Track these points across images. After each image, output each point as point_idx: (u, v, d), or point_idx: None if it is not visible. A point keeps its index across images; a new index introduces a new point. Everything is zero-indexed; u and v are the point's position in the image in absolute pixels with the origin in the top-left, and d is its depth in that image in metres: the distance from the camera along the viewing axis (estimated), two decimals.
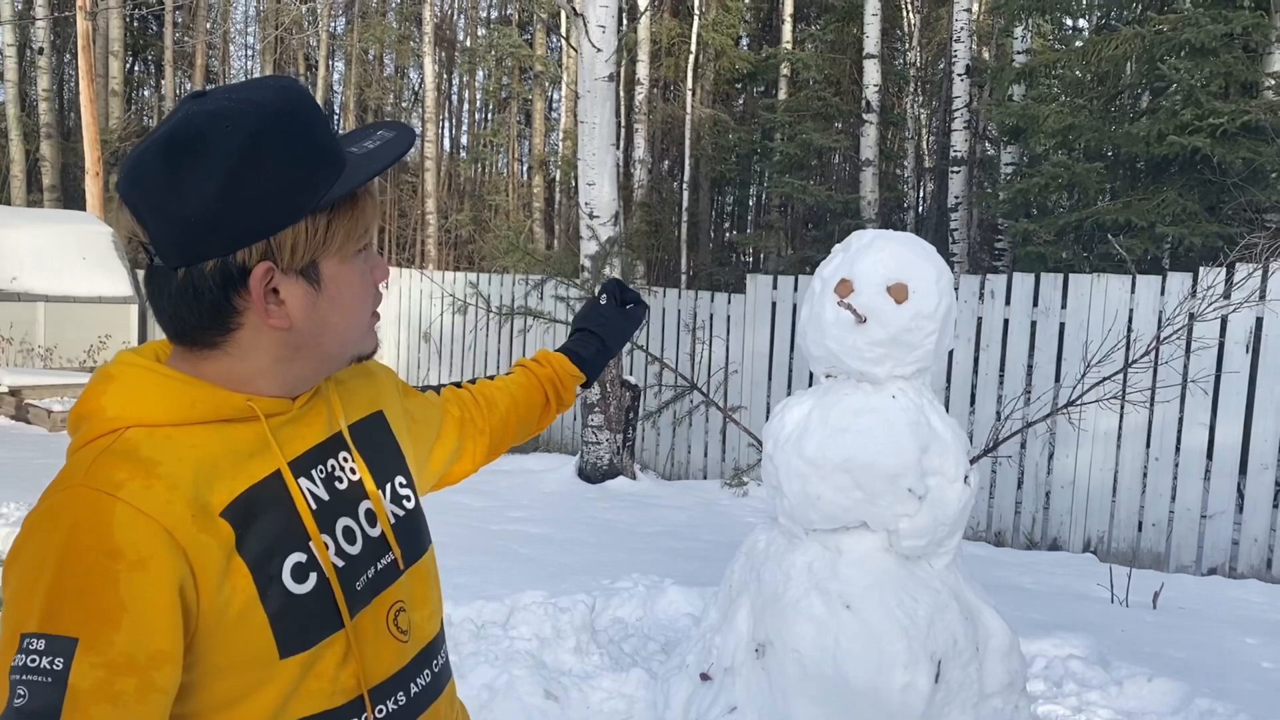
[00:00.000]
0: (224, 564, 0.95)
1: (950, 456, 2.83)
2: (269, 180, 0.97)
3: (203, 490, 0.96)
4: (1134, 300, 6.32)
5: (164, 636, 0.91)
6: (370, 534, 1.10)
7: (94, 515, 0.91)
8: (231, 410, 1.02)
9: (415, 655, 1.13)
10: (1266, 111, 8.17)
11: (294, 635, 0.99)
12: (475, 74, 23.68)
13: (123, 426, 0.98)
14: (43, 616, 0.88)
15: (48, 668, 0.86)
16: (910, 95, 15.45)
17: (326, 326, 1.04)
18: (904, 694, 2.70)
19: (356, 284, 1.06)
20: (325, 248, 1.01)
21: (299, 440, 1.07)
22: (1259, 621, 4.88)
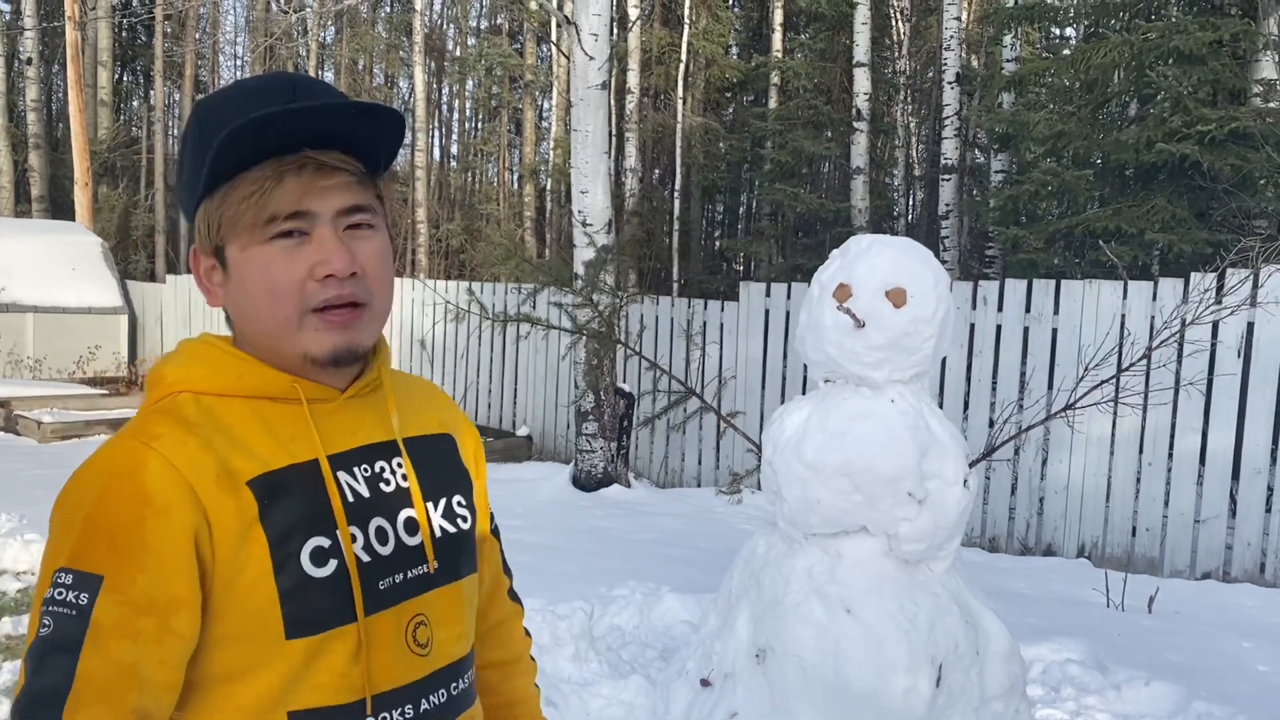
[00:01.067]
0: (243, 530, 0.98)
1: (949, 460, 2.84)
2: (185, 170, 1.06)
3: (235, 457, 1.00)
4: (1126, 306, 6.35)
5: (182, 583, 0.95)
6: (407, 542, 1.10)
7: (130, 463, 0.97)
8: (276, 389, 1.06)
9: (433, 672, 1.11)
10: (1254, 118, 8.23)
11: (303, 617, 1.00)
12: (465, 83, 23.69)
13: (177, 391, 1.05)
14: (73, 553, 0.94)
15: (74, 601, 0.91)
16: (900, 103, 15.51)
17: (243, 312, 1.07)
18: (906, 698, 2.70)
19: (260, 272, 1.03)
20: (222, 233, 1.04)
21: (348, 435, 1.09)
22: (1254, 625, 4.90)
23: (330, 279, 1.02)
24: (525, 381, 9.73)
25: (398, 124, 1.06)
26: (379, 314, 1.08)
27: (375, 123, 1.05)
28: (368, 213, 1.06)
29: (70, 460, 5.90)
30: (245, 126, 0.97)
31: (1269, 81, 8.94)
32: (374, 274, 1.06)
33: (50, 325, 13.15)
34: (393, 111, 1.05)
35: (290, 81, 1.04)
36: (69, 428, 9.59)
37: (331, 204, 1.03)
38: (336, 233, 1.03)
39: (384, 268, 1.08)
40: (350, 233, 1.04)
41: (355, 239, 1.04)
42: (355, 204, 1.04)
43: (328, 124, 1.02)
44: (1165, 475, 6.21)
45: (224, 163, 1.00)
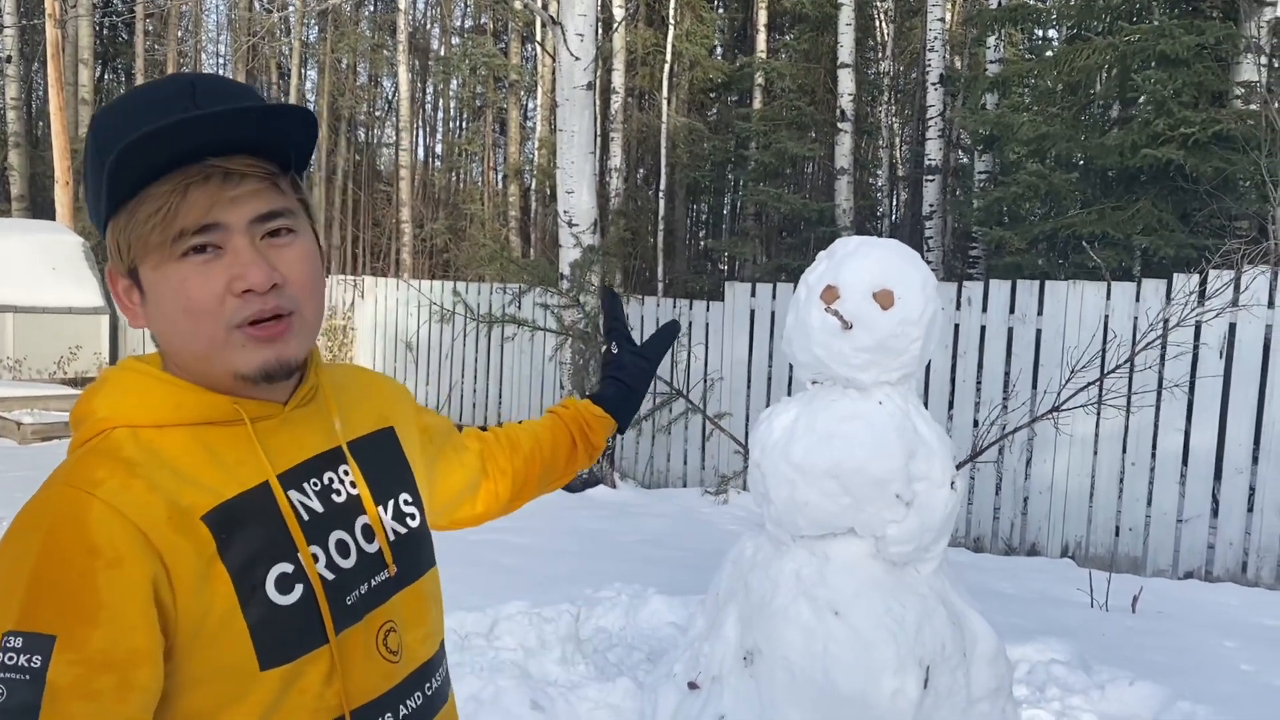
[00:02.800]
0: (203, 569, 0.94)
1: (937, 462, 2.84)
2: (89, 190, 1.02)
3: (184, 493, 0.95)
4: (1110, 306, 6.38)
5: (141, 635, 0.90)
6: (366, 549, 1.07)
7: (72, 513, 0.91)
8: (217, 413, 1.00)
9: (406, 676, 1.10)
10: (1236, 120, 8.28)
11: (275, 647, 0.97)
12: (450, 82, 23.62)
13: (110, 427, 0.98)
14: (21, 614, 0.87)
15: (25, 665, 0.85)
16: (885, 104, 15.56)
17: (164, 335, 1.01)
18: (893, 700, 2.70)
19: (175, 292, 0.97)
20: (133, 253, 0.98)
21: (293, 448, 1.05)
22: (1237, 624, 4.93)
23: (249, 294, 0.97)
24: (510, 382, 9.71)
25: (307, 123, 0.99)
26: (310, 323, 1.03)
27: (283, 124, 0.98)
28: (285, 217, 1.00)
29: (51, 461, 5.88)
30: (135, 143, 0.91)
31: (1250, 84, 9.00)
32: (298, 281, 1.00)
33: (30, 325, 13.04)
34: (301, 110, 0.99)
35: (189, 83, 0.98)
36: (50, 429, 9.52)
37: (244, 213, 0.97)
38: (253, 243, 0.97)
39: (310, 273, 1.02)
40: (268, 241, 0.99)
41: (274, 247, 0.99)
42: (270, 210, 0.98)
43: (231, 129, 0.95)
44: (1148, 475, 6.25)
45: (123, 180, 0.94)
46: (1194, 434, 6.10)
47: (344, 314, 11.70)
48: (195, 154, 0.94)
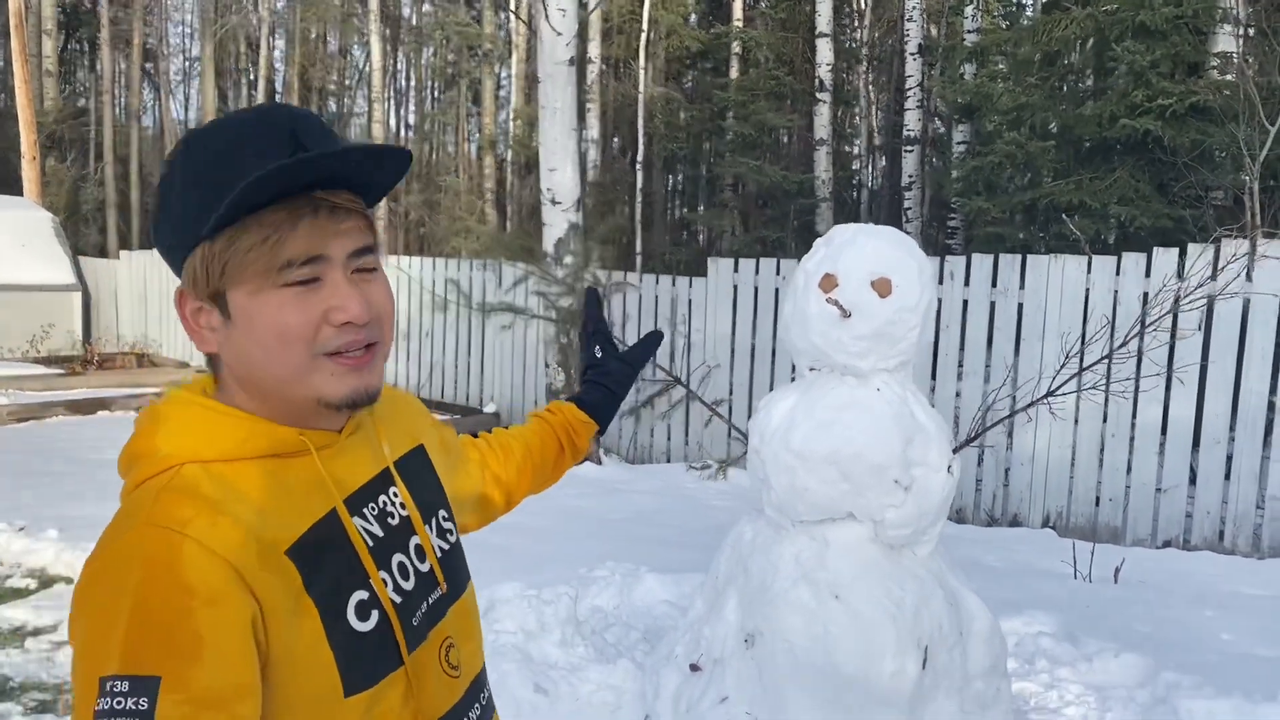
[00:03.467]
0: (292, 604, 0.96)
1: (934, 447, 2.88)
2: (173, 212, 1.00)
3: (267, 529, 0.96)
4: (1090, 280, 6.45)
5: (243, 669, 0.91)
6: (420, 569, 1.10)
7: (164, 553, 0.91)
8: (285, 445, 1.02)
9: (466, 690, 1.13)
10: (1213, 92, 8.34)
11: (358, 674, 0.99)
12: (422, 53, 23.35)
13: (178, 464, 0.98)
14: (123, 658, 0.87)
15: (134, 708, 0.86)
16: (862, 74, 15.54)
17: (247, 359, 1.01)
18: (893, 680, 2.76)
19: (273, 319, 0.98)
20: (224, 278, 0.98)
21: (351, 476, 1.07)
22: (1215, 593, 5.04)
23: (348, 325, 1.00)
24: (492, 359, 9.69)
25: (405, 164, 1.03)
26: (386, 353, 1.07)
27: (383, 163, 1.02)
28: (373, 254, 1.04)
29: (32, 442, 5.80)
30: (271, 176, 0.93)
31: (1226, 55, 9.06)
32: (383, 315, 1.04)
33: (1, 303, 12.87)
34: (403, 152, 1.03)
35: (289, 116, 1.00)
36: (26, 410, 9.42)
37: (344, 247, 1.00)
38: (348, 276, 1.00)
39: (390, 307, 1.06)
40: (359, 275, 1.02)
41: (365, 281, 1.02)
42: (364, 245, 1.02)
43: (343, 168, 0.99)
44: (1128, 446, 6.34)
45: (235, 209, 0.95)
46: (1173, 405, 6.19)
47: None
48: (303, 187, 0.97)
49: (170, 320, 13.38)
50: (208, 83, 20.51)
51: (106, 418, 9.60)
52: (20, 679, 3.88)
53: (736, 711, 2.93)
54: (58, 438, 8.24)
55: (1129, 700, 3.64)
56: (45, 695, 3.74)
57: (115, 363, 12.79)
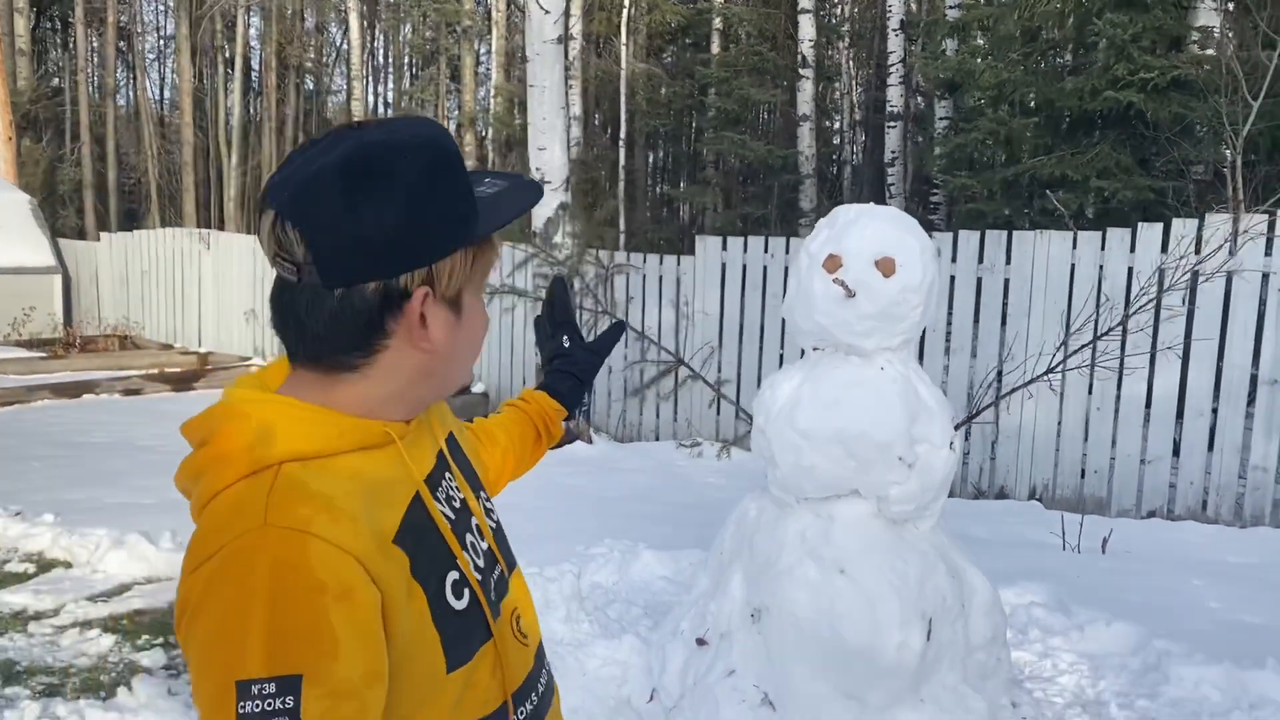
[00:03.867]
0: (405, 588, 0.99)
1: (937, 424, 2.94)
2: (439, 209, 1.01)
3: (375, 519, 0.99)
4: (1076, 255, 6.52)
5: (373, 658, 0.95)
6: (483, 547, 1.15)
7: (292, 554, 0.92)
8: (372, 438, 1.04)
9: (534, 655, 1.20)
10: (1193, 65, 8.42)
11: (458, 649, 1.05)
12: (400, 30, 23.15)
13: (275, 463, 0.98)
14: (266, 660, 0.89)
15: (283, 708, 0.89)
16: (845, 49, 15.53)
17: (458, 354, 1.09)
18: (899, 653, 2.82)
19: (480, 319, 1.11)
20: (469, 280, 1.06)
21: (422, 462, 1.11)
22: (1201, 562, 5.14)
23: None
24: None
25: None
26: None
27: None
28: None
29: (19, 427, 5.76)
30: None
31: (1207, 29, 9.14)
32: None
33: None
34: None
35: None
36: (10, 394, 9.36)
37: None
38: None
39: None
40: None
41: None
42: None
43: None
44: (1113, 418, 6.44)
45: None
46: (1157, 378, 6.29)
47: None
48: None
49: (152, 302, 13.30)
50: (184, 61, 20.27)
51: (92, 401, 9.57)
52: (26, 663, 3.90)
53: (744, 684, 2.99)
54: (45, 421, 8.21)
55: (1122, 668, 3.73)
56: (52, 679, 3.76)
57: (97, 345, 12.70)
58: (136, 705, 3.41)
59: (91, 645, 4.05)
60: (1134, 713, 3.43)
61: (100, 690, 3.67)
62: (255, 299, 12.11)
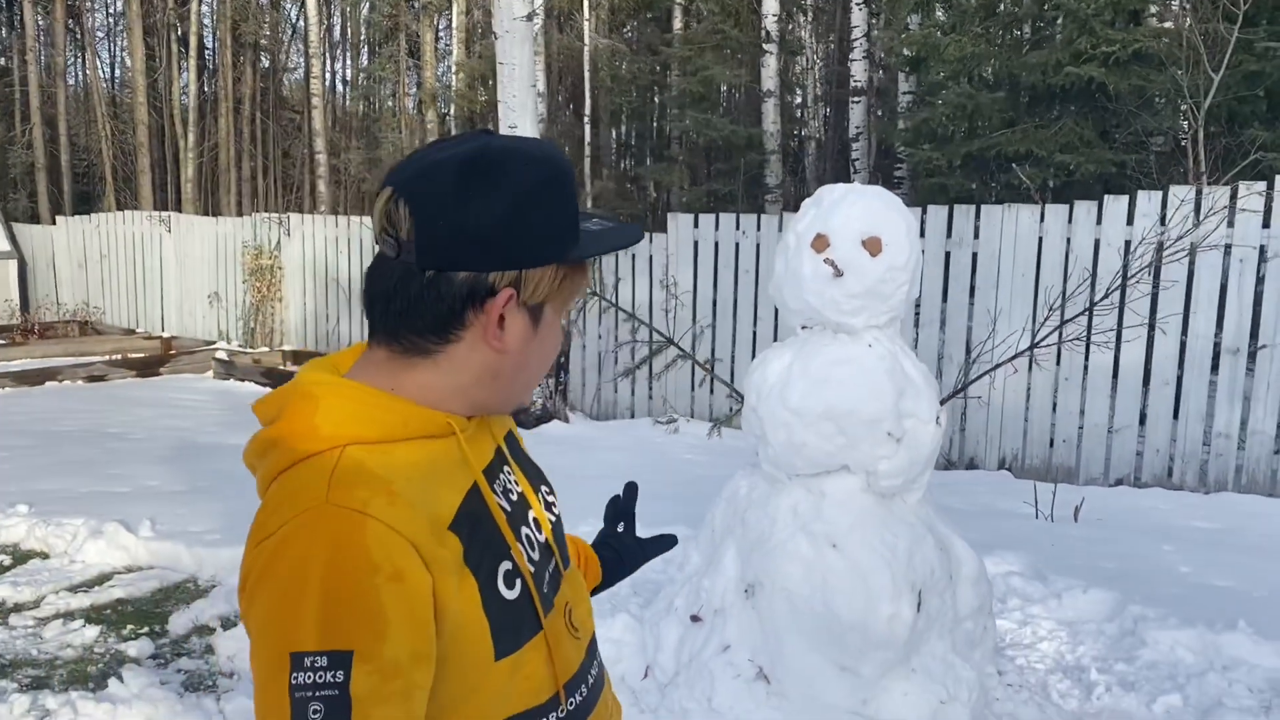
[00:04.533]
0: (457, 574, 1.02)
1: (924, 399, 2.99)
2: (543, 220, 1.05)
3: (431, 505, 1.02)
4: (1044, 229, 6.61)
5: (421, 639, 0.98)
6: (539, 541, 1.17)
7: (350, 533, 0.96)
8: (435, 427, 1.08)
9: (587, 649, 1.22)
10: (1153, 38, 8.53)
11: (507, 638, 1.07)
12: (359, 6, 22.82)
13: (340, 445, 1.02)
14: (320, 634, 0.93)
15: (333, 681, 0.92)
16: (807, 24, 15.54)
17: (525, 364, 1.11)
18: (890, 624, 2.88)
19: (557, 337, 1.13)
20: (555, 297, 1.09)
21: (480, 456, 1.14)
22: (1170, 528, 5.27)
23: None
24: None
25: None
26: None
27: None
28: None
29: None
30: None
31: (1166, 1, 9.25)
32: None
33: None
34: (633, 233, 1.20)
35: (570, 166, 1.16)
36: None
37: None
38: None
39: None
40: None
41: None
42: None
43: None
44: (1080, 388, 6.56)
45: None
46: (1124, 348, 6.41)
47: (270, 253, 11.44)
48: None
49: (113, 287, 13.10)
50: (135, 39, 19.86)
51: (55, 388, 9.43)
52: (10, 656, 3.87)
53: (739, 659, 3.04)
54: (8, 410, 8.08)
55: (1099, 634, 3.83)
56: (38, 671, 3.74)
57: (57, 331, 12.50)
58: (129, 696, 3.40)
59: (75, 636, 4.02)
60: (1112, 676, 3.53)
61: (89, 682, 3.65)
62: (219, 282, 11.97)
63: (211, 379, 10.19)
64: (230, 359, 10.42)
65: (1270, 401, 6.08)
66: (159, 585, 4.56)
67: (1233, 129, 8.29)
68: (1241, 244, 6.05)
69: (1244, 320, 6.12)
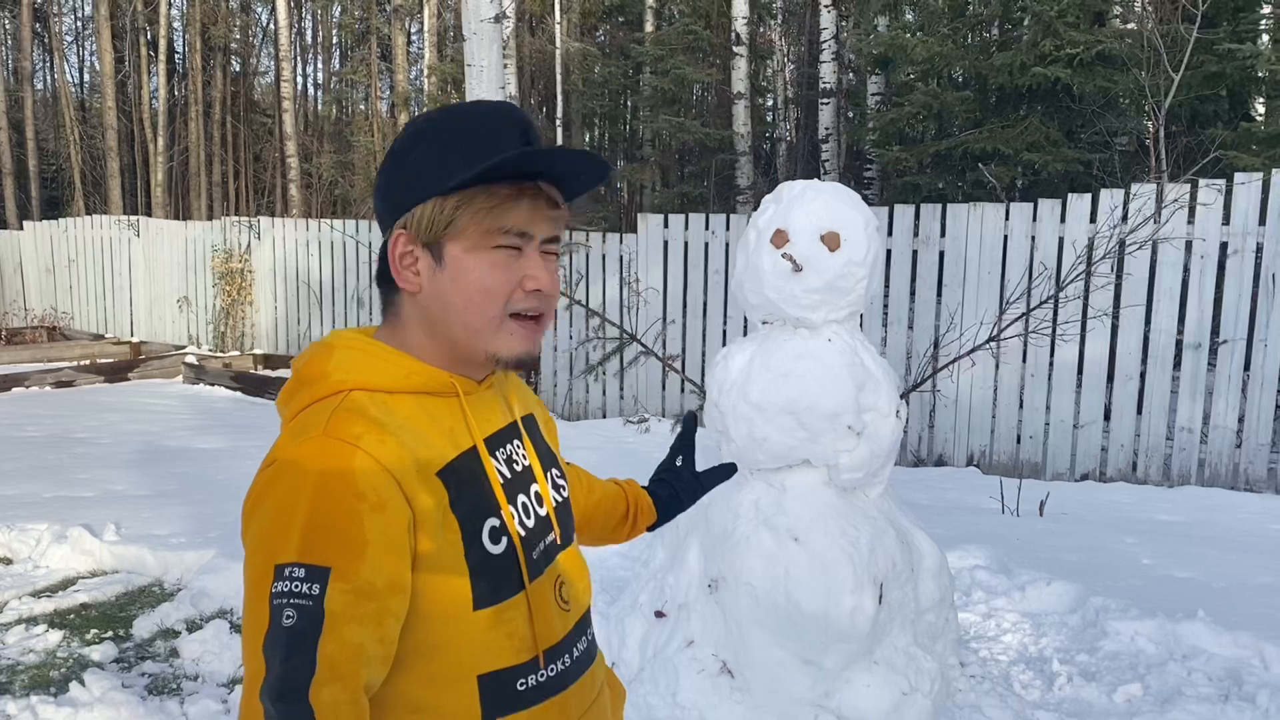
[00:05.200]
0: (440, 518, 1.10)
1: (883, 393, 3.02)
2: (418, 161, 1.16)
3: (422, 451, 1.11)
4: (1009, 227, 6.67)
5: (398, 569, 1.06)
6: (539, 513, 1.24)
7: (339, 462, 1.05)
8: (437, 385, 1.18)
9: (576, 623, 1.27)
10: (1116, 39, 8.63)
11: (487, 590, 1.13)
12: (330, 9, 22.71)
13: (347, 389, 1.13)
14: (300, 548, 1.02)
15: (308, 592, 1.01)
16: (777, 26, 15.61)
17: (447, 305, 1.16)
18: (852, 616, 2.90)
19: (481, 274, 1.15)
20: (449, 230, 1.15)
21: (486, 421, 1.22)
22: (1133, 521, 5.33)
23: (536, 292, 1.17)
24: None
25: (604, 175, 1.21)
26: (547, 326, 1.23)
27: (591, 171, 1.19)
28: (559, 243, 1.22)
29: None
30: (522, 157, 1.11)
31: (1129, 3, 9.37)
32: (555, 294, 1.22)
33: None
34: (607, 165, 1.21)
35: (524, 118, 1.19)
36: None
37: (546, 230, 1.18)
38: (540, 255, 1.18)
39: (558, 290, 1.23)
40: (544, 257, 1.19)
41: (547, 261, 1.20)
42: (557, 234, 1.21)
43: (561, 165, 1.16)
44: (1046, 384, 6.63)
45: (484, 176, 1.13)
46: (1088, 345, 6.48)
47: (240, 256, 11.37)
48: (529, 174, 1.15)
49: (81, 291, 12.98)
50: (103, 43, 19.68)
51: (22, 394, 9.32)
52: None
53: (703, 654, 3.05)
54: None
55: (1062, 625, 3.87)
56: (0, 677, 3.70)
57: (25, 337, 12.36)
58: (90, 700, 3.37)
59: (38, 641, 3.98)
60: (1074, 667, 3.57)
61: (50, 686, 3.61)
62: (189, 286, 11.88)
63: (181, 384, 10.11)
64: (200, 363, 10.34)
65: (1231, 396, 6.17)
66: (124, 589, 4.53)
67: (1194, 128, 8.39)
68: (1202, 240, 6.14)
69: (1205, 316, 6.20)
